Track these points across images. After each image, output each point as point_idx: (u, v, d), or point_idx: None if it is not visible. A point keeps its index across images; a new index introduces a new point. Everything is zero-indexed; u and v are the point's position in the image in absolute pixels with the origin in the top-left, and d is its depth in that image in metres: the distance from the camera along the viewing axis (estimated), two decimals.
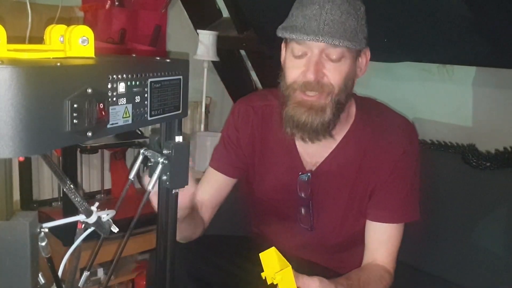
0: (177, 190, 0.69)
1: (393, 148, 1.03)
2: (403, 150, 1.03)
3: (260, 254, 0.76)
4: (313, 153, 1.07)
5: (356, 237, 1.10)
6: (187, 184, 0.68)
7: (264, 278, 0.74)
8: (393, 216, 1.04)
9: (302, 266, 0.89)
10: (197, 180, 1.17)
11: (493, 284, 1.17)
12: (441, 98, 1.65)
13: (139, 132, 1.86)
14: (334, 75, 0.93)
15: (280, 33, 0.95)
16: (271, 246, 0.82)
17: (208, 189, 1.16)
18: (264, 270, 0.74)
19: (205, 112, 2.10)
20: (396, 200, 1.04)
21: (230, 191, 1.19)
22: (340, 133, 1.05)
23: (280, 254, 0.76)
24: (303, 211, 1.10)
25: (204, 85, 1.99)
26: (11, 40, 0.48)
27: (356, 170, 1.05)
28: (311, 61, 0.93)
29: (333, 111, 0.95)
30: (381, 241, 1.04)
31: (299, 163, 1.09)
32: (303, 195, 1.08)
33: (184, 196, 0.83)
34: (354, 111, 1.07)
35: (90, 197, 1.97)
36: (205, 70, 1.99)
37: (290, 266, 0.76)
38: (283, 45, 1.04)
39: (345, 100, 0.98)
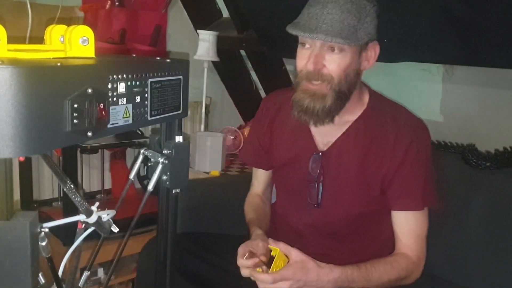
0: (177, 190, 0.69)
1: (400, 138, 1.09)
2: (410, 140, 1.08)
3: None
4: (325, 133, 1.14)
5: (365, 227, 1.16)
6: (186, 184, 0.68)
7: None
8: (412, 203, 1.09)
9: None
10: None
11: (493, 284, 1.17)
12: (441, 98, 1.65)
13: (139, 132, 1.86)
14: (333, 66, 1.02)
15: (287, 28, 1.04)
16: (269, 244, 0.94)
17: (261, 184, 1.35)
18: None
19: (205, 112, 2.10)
20: (412, 188, 1.09)
21: None
22: (351, 117, 1.12)
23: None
24: (312, 188, 1.17)
25: (204, 85, 1.99)
26: (11, 40, 0.48)
27: (363, 154, 1.11)
28: (312, 53, 1.02)
29: (334, 98, 1.04)
30: (402, 228, 1.10)
31: (312, 143, 1.16)
32: (313, 173, 1.15)
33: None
34: (367, 99, 1.13)
35: (90, 197, 1.97)
36: (205, 70, 1.99)
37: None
38: None
39: (348, 89, 1.05)
